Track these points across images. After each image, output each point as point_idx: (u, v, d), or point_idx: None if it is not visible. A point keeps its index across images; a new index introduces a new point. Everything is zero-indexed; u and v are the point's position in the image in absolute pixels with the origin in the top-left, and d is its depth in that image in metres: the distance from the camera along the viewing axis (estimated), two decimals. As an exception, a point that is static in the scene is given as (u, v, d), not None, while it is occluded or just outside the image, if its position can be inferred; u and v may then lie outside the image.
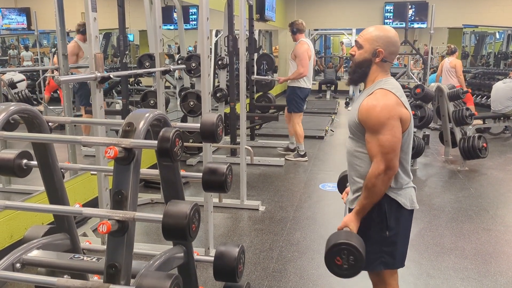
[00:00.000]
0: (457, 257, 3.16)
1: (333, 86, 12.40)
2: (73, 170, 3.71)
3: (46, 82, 6.51)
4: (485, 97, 8.86)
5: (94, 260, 1.54)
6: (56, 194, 1.71)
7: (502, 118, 6.66)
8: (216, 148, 6.00)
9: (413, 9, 11.34)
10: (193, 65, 4.60)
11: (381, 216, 1.85)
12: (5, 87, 5.29)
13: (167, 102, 5.33)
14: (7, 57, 8.69)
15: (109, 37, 7.74)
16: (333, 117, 8.71)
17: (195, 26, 7.80)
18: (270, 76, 6.15)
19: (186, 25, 7.28)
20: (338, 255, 1.68)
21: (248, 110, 5.93)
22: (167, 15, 6.95)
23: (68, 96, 3.84)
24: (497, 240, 3.47)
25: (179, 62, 5.02)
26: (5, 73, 6.27)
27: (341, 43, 15.53)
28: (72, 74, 4.69)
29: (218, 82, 5.84)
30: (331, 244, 1.71)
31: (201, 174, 1.73)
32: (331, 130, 7.63)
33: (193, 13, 7.95)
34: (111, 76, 2.78)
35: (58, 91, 6.46)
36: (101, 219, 1.31)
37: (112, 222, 1.31)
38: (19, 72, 6.48)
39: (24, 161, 1.61)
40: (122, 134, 1.39)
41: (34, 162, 1.64)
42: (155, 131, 1.55)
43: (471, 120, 5.52)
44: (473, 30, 12.74)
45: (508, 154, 6.24)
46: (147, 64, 4.52)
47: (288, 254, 3.20)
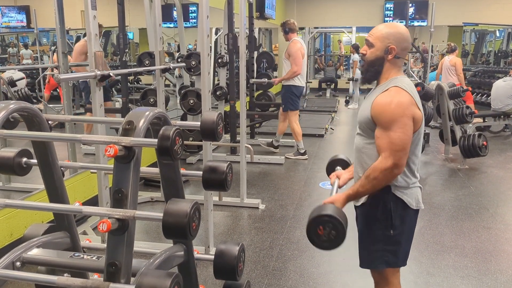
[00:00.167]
0: (457, 255, 3.16)
1: (333, 84, 12.39)
2: (73, 169, 3.70)
3: (46, 81, 6.50)
4: (485, 95, 8.85)
5: (94, 259, 1.53)
6: (56, 193, 1.71)
7: (502, 116, 6.65)
8: (216, 146, 6.00)
9: (413, 7, 11.33)
10: (193, 63, 4.59)
11: (386, 215, 1.84)
12: (5, 85, 5.28)
13: (167, 100, 5.32)
14: (7, 55, 8.68)
15: (109, 35, 7.74)
16: (333, 115, 8.71)
17: (195, 24, 7.79)
18: (271, 75, 6.14)
19: (186, 23, 7.27)
20: (322, 225, 1.67)
21: (248, 108, 5.93)
22: (167, 13, 6.93)
23: (68, 94, 3.84)
24: (497, 238, 3.47)
25: (179, 60, 5.01)
26: (5, 71, 6.26)
27: (339, 42, 15.52)
28: (72, 72, 4.69)
29: (218, 80, 5.83)
30: (320, 213, 1.68)
31: (201, 173, 1.73)
32: (331, 128, 7.62)
33: (193, 11, 7.93)
34: (111, 74, 2.77)
35: (58, 89, 6.45)
36: (101, 218, 1.31)
37: (112, 221, 1.30)
38: (19, 70, 6.48)
39: (24, 160, 1.60)
40: (122, 133, 1.39)
41: (34, 161, 1.64)
42: (155, 130, 1.55)
43: (471, 118, 5.52)
44: (473, 28, 12.73)
45: (508, 152, 6.24)
46: (147, 62, 4.52)
47: (288, 253, 3.20)
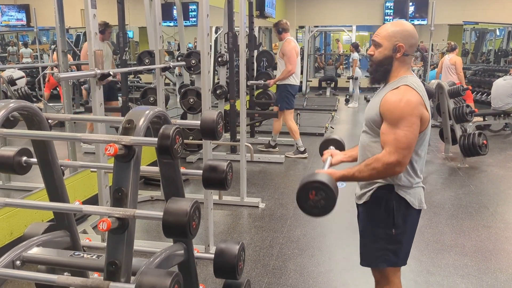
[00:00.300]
0: (457, 254, 3.17)
1: (333, 83, 12.38)
2: (73, 168, 3.70)
3: (46, 79, 6.50)
4: (485, 94, 8.85)
5: (94, 258, 1.53)
6: (56, 192, 1.71)
7: (502, 115, 6.64)
8: (216, 145, 6.00)
9: (414, 6, 11.33)
10: (193, 62, 4.59)
11: (389, 214, 1.84)
12: (5, 84, 5.28)
13: (167, 99, 5.32)
14: (6, 54, 8.68)
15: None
16: (333, 114, 8.71)
17: (195, 23, 7.78)
18: (271, 74, 6.14)
19: (186, 22, 7.27)
20: (315, 191, 1.65)
21: (248, 107, 5.93)
22: (167, 12, 6.93)
23: (68, 93, 3.84)
24: (497, 237, 3.47)
25: (179, 59, 5.00)
26: (5, 70, 6.25)
27: (337, 41, 15.48)
28: (72, 71, 4.68)
29: (218, 79, 5.82)
30: (315, 179, 1.67)
31: (201, 172, 1.72)
32: (331, 127, 7.62)
33: (193, 10, 7.93)
34: (111, 73, 2.77)
35: (58, 88, 6.45)
36: (101, 217, 1.31)
37: (112, 220, 1.30)
38: (19, 69, 6.47)
39: (24, 158, 1.60)
40: (122, 132, 1.39)
41: (34, 160, 1.64)
42: (155, 128, 1.55)
43: (471, 117, 5.52)
44: (474, 27, 12.72)
45: (508, 151, 6.24)
46: (147, 61, 4.51)
47: (288, 251, 3.20)
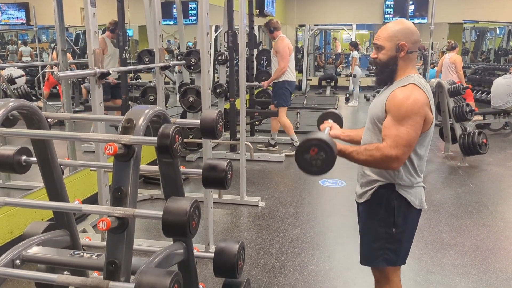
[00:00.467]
0: (457, 253, 3.17)
1: (333, 82, 12.38)
2: (73, 167, 3.70)
3: (46, 78, 6.50)
4: (485, 93, 8.85)
5: (94, 257, 1.53)
6: (56, 191, 1.70)
7: (502, 114, 6.64)
8: (216, 144, 6.00)
9: (414, 4, 11.32)
10: (193, 61, 4.59)
11: (389, 213, 1.84)
12: (4, 83, 5.27)
13: (167, 98, 5.32)
14: (5, 52, 8.66)
15: (108, 33, 7.70)
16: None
17: (195, 22, 7.78)
18: (271, 73, 6.13)
19: (186, 21, 7.25)
20: (317, 148, 1.64)
21: (248, 106, 5.92)
22: (167, 11, 6.92)
23: (68, 92, 3.83)
24: (497, 236, 3.48)
25: (179, 58, 5.00)
26: (4, 69, 6.25)
27: (334, 39, 15.47)
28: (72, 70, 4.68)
29: (218, 78, 5.82)
30: (319, 137, 1.66)
31: (201, 171, 1.72)
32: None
33: (193, 8, 7.92)
34: (110, 72, 2.77)
35: (58, 87, 6.44)
36: (101, 216, 1.31)
37: (112, 219, 1.30)
38: (18, 68, 6.47)
39: (23, 158, 1.60)
40: (122, 131, 1.39)
41: (33, 159, 1.63)
42: (155, 128, 1.54)
43: (471, 116, 5.52)
44: (474, 26, 12.71)
45: (508, 150, 6.24)
46: (147, 60, 4.51)
47: (288, 250, 3.20)
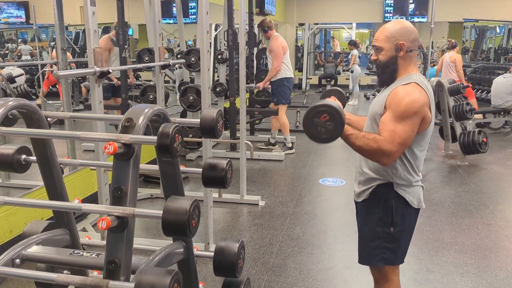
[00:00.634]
0: (457, 252, 3.17)
1: (333, 81, 12.38)
2: (72, 166, 3.70)
3: (45, 77, 6.49)
4: (485, 92, 8.85)
5: (94, 256, 1.53)
6: (55, 190, 1.70)
7: (502, 113, 6.65)
8: (216, 143, 5.99)
9: (414, 3, 11.30)
10: (193, 60, 4.58)
11: (387, 212, 1.84)
12: (4, 82, 5.27)
13: (167, 97, 5.33)
14: (6, 51, 8.65)
15: (108, 31, 7.71)
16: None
17: (195, 20, 7.77)
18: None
19: (186, 19, 7.25)
20: (328, 116, 1.63)
21: (248, 105, 5.92)
22: (167, 9, 6.92)
23: (67, 91, 3.83)
24: (497, 235, 3.48)
25: (179, 57, 5.00)
26: (4, 68, 6.25)
27: (332, 38, 15.45)
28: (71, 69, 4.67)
29: (218, 77, 5.82)
30: (331, 105, 1.64)
31: (201, 170, 1.72)
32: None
33: (193, 7, 7.91)
34: (110, 71, 2.76)
35: (57, 86, 6.44)
36: (101, 215, 1.31)
37: (112, 218, 1.30)
38: (18, 67, 6.47)
39: (23, 157, 1.60)
40: (122, 130, 1.38)
41: (33, 158, 1.63)
42: (155, 127, 1.54)
43: (471, 115, 5.52)
44: (474, 25, 12.70)
45: (508, 149, 6.24)
46: (147, 59, 4.51)
47: (288, 249, 3.20)
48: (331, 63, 12.70)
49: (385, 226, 1.85)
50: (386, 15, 11.63)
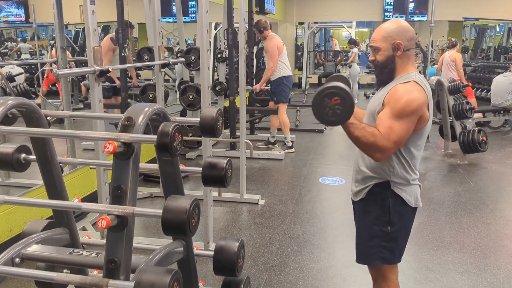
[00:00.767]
0: (457, 251, 3.17)
1: (333, 80, 12.36)
2: (72, 165, 3.70)
3: (45, 76, 6.49)
4: (485, 91, 8.85)
5: (94, 255, 1.53)
6: (55, 189, 1.70)
7: (502, 112, 6.64)
8: (216, 142, 5.99)
9: (414, 2, 11.29)
10: (192, 59, 4.58)
11: (385, 211, 1.85)
12: (3, 81, 5.27)
13: (166, 96, 5.31)
14: (1, 48, 8.64)
15: (108, 30, 7.70)
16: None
17: (194, 19, 7.76)
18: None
19: (185, 18, 7.24)
20: (340, 100, 1.61)
21: (248, 104, 5.92)
22: (166, 8, 6.90)
23: (67, 90, 3.82)
24: (497, 234, 3.48)
25: (178, 55, 4.99)
26: (3, 66, 6.24)
27: (331, 37, 15.44)
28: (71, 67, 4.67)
29: (218, 76, 5.81)
30: (345, 89, 1.62)
31: (201, 169, 1.72)
32: (331, 124, 7.61)
33: (192, 6, 7.90)
34: (110, 70, 2.76)
35: (57, 84, 6.44)
36: (101, 214, 1.31)
37: (111, 217, 1.30)
38: (18, 66, 6.46)
39: (23, 156, 1.59)
40: (121, 129, 1.38)
41: (33, 157, 1.63)
42: (155, 126, 1.54)
43: (471, 114, 5.52)
44: (473, 23, 12.69)
45: (508, 148, 6.24)
46: (146, 57, 4.50)
47: (288, 248, 3.20)
48: (331, 62, 12.70)
49: (383, 225, 1.86)
50: (386, 14, 11.61)
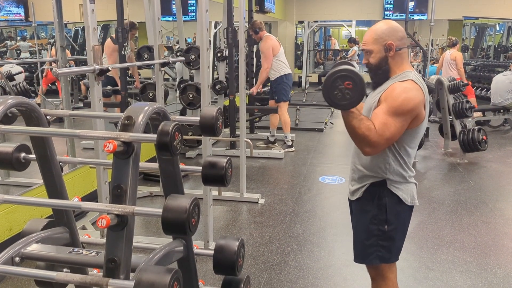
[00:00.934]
0: (456, 250, 3.17)
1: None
2: (72, 164, 3.70)
3: (44, 74, 6.48)
4: (485, 90, 8.84)
5: (94, 254, 1.53)
6: (55, 188, 1.70)
7: (502, 111, 6.65)
8: (215, 141, 5.99)
9: (414, 1, 11.28)
10: (192, 57, 4.58)
11: (381, 210, 1.85)
12: (3, 79, 5.26)
13: (166, 95, 5.31)
14: (1, 46, 8.61)
15: (108, 29, 7.69)
16: (333, 110, 8.69)
17: (194, 18, 7.75)
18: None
19: (185, 17, 7.23)
20: (352, 85, 1.60)
21: (248, 103, 5.92)
22: (166, 7, 6.90)
23: (67, 89, 3.82)
24: (496, 233, 3.48)
25: (178, 54, 4.99)
26: (3, 65, 6.23)
27: (330, 37, 15.43)
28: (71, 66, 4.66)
29: (217, 75, 5.81)
30: (358, 74, 1.61)
31: (201, 168, 1.72)
32: (331, 123, 7.62)
33: (192, 5, 7.89)
34: (109, 69, 2.76)
35: (56, 83, 6.42)
36: (100, 213, 1.30)
37: (111, 217, 1.30)
38: (17, 64, 6.45)
39: (23, 155, 1.59)
40: (121, 128, 1.38)
41: (33, 156, 1.63)
42: (154, 125, 1.54)
43: (471, 113, 5.52)
44: (473, 22, 12.68)
45: (508, 147, 6.24)
46: (146, 56, 4.50)
47: (288, 247, 3.20)
48: (331, 61, 12.70)
49: (379, 224, 1.86)
50: (386, 13, 11.60)
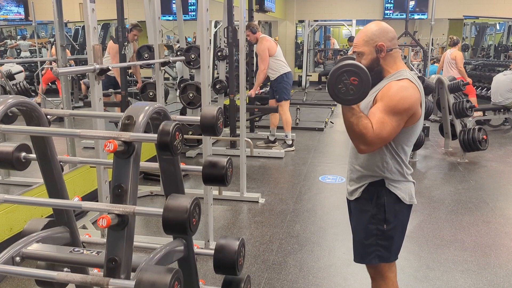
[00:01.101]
0: (457, 250, 3.17)
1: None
2: (72, 163, 3.69)
3: (43, 72, 6.47)
4: (485, 89, 8.84)
5: (94, 254, 1.53)
6: (55, 187, 1.70)
7: (502, 110, 6.64)
8: (216, 140, 5.99)
9: (414, 0, 11.28)
10: (193, 57, 4.57)
11: (380, 209, 1.85)
12: (3, 79, 5.26)
13: (166, 94, 5.31)
14: (5, 48, 8.62)
15: (108, 28, 7.69)
16: (333, 109, 8.69)
17: (194, 17, 7.75)
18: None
19: (185, 16, 7.23)
20: (357, 81, 1.58)
21: (248, 102, 5.91)
22: (166, 6, 6.89)
23: (67, 88, 3.82)
24: (497, 233, 3.48)
25: (178, 54, 4.98)
26: (3, 65, 6.23)
27: (329, 37, 15.42)
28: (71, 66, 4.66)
29: (218, 74, 5.81)
30: (366, 71, 1.60)
31: (201, 167, 1.71)
32: (331, 122, 7.62)
33: (192, 4, 7.89)
34: (110, 68, 2.76)
35: (56, 82, 6.42)
36: (101, 213, 1.30)
37: (112, 216, 1.29)
38: (17, 64, 6.45)
39: (23, 154, 1.59)
40: (122, 128, 1.38)
41: (33, 155, 1.62)
42: (155, 124, 1.53)
43: (471, 112, 5.52)
44: (474, 22, 12.67)
45: (508, 146, 6.24)
46: (146, 56, 4.49)
47: (288, 247, 3.20)
48: (331, 60, 12.69)
49: (378, 224, 1.87)
50: (386, 12, 11.59)
